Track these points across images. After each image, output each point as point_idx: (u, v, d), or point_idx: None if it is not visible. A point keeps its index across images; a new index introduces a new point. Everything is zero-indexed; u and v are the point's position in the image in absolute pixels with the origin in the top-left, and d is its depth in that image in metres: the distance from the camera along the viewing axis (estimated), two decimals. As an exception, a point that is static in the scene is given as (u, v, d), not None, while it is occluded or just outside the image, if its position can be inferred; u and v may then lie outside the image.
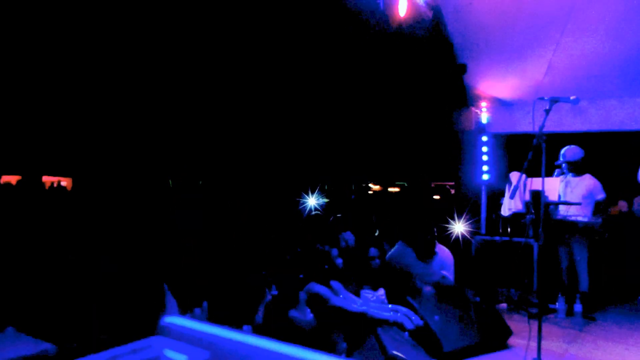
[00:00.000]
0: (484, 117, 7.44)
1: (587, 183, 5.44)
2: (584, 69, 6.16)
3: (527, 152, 3.62)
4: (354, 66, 8.04)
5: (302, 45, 7.62)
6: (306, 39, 7.40)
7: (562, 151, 5.49)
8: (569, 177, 5.53)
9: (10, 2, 6.49)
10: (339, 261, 4.67)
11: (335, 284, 3.57)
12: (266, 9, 6.78)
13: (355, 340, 3.41)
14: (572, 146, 5.50)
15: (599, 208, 5.37)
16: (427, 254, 5.13)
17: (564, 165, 5.50)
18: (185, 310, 2.95)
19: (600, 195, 5.40)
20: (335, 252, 4.72)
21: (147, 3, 6.76)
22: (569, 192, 5.46)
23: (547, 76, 6.34)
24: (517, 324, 4.43)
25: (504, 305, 5.50)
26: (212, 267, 3.54)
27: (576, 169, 5.47)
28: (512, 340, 4.21)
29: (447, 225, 6.39)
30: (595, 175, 5.54)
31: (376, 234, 6.41)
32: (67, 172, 13.36)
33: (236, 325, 3.21)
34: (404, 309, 3.47)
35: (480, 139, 7.49)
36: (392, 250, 4.78)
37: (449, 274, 5.07)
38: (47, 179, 12.91)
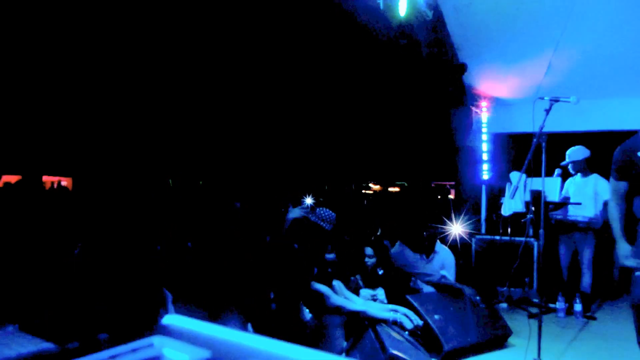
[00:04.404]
0: (484, 117, 7.44)
1: (594, 183, 5.44)
2: (584, 69, 6.16)
3: (527, 152, 3.63)
4: (355, 67, 8.04)
5: (302, 48, 7.63)
6: (306, 41, 7.41)
7: (568, 152, 5.50)
8: (577, 177, 5.54)
9: (11, 3, 6.49)
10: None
11: (336, 282, 3.57)
12: (268, 12, 6.80)
13: (355, 339, 3.41)
14: (578, 146, 5.51)
15: (605, 208, 5.37)
16: (427, 254, 5.14)
17: (570, 165, 5.51)
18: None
19: (607, 196, 5.40)
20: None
21: (148, 6, 6.77)
22: (577, 192, 5.47)
23: (547, 76, 6.34)
24: (517, 323, 4.43)
25: (504, 305, 5.51)
26: (215, 267, 3.54)
27: (582, 169, 5.48)
28: (512, 340, 4.22)
29: (447, 225, 6.39)
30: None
31: (378, 233, 6.41)
32: (67, 172, 13.37)
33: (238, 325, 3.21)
34: (403, 309, 3.47)
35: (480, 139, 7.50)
36: (392, 249, 4.78)
37: (450, 273, 5.08)
38: (47, 179, 12.91)
